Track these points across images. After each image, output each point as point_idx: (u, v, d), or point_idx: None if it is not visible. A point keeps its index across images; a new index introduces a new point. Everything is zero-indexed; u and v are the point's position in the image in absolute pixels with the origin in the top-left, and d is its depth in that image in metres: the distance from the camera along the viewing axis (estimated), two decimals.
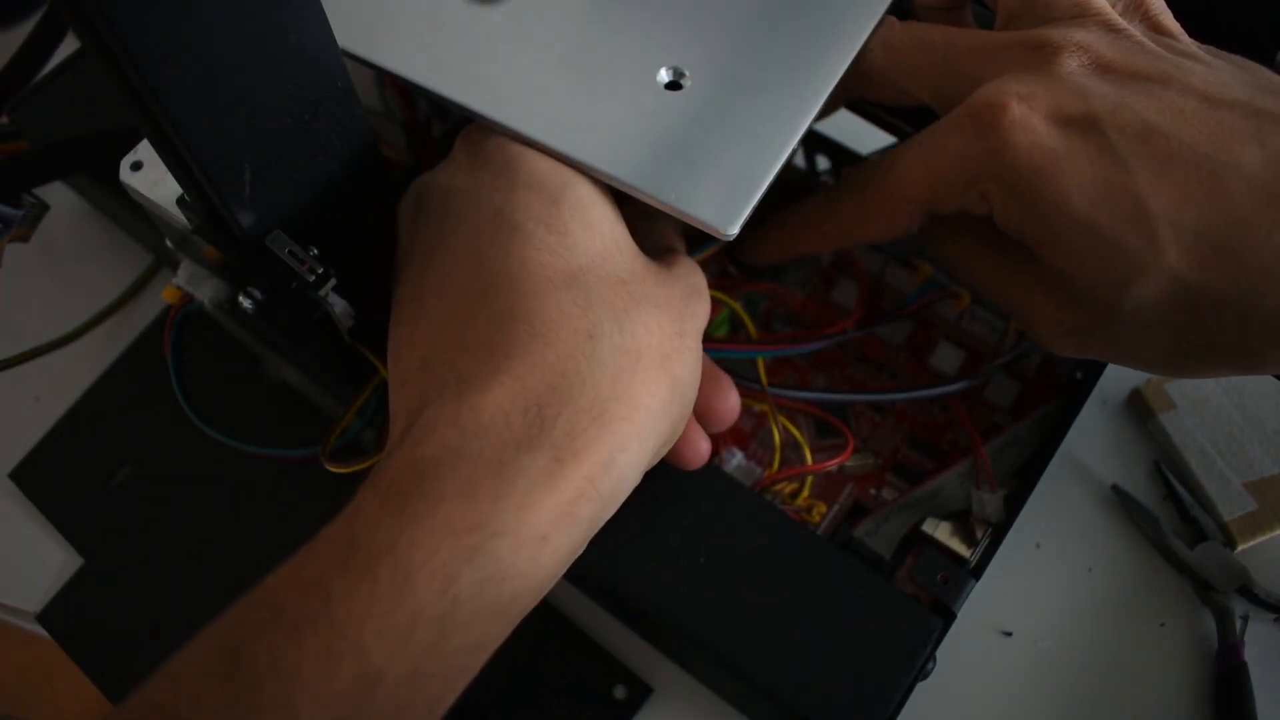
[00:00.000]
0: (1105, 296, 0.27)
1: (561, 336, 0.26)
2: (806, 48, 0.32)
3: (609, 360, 0.26)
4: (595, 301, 0.27)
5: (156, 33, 0.21)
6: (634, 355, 0.27)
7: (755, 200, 0.29)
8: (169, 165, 0.26)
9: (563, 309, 0.26)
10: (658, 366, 0.27)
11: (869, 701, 0.30)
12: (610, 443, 0.25)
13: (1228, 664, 0.36)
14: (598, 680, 0.39)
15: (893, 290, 0.42)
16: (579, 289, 0.27)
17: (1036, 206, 0.27)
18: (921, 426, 0.40)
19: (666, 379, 0.27)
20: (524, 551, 0.24)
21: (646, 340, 0.27)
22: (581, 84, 0.31)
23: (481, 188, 0.29)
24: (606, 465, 0.25)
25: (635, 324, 0.27)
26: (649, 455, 0.27)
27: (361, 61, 0.32)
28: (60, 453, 0.45)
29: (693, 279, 0.31)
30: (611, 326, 0.27)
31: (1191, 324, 0.27)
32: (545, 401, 0.25)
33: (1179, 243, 0.26)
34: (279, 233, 0.27)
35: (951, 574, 0.33)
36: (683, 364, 0.28)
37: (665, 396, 0.27)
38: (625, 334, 0.27)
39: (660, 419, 0.27)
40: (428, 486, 0.23)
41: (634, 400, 0.26)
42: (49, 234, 0.40)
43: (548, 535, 0.24)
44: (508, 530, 0.23)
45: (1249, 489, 0.39)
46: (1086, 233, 0.27)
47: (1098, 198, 0.26)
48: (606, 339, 0.26)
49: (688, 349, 0.29)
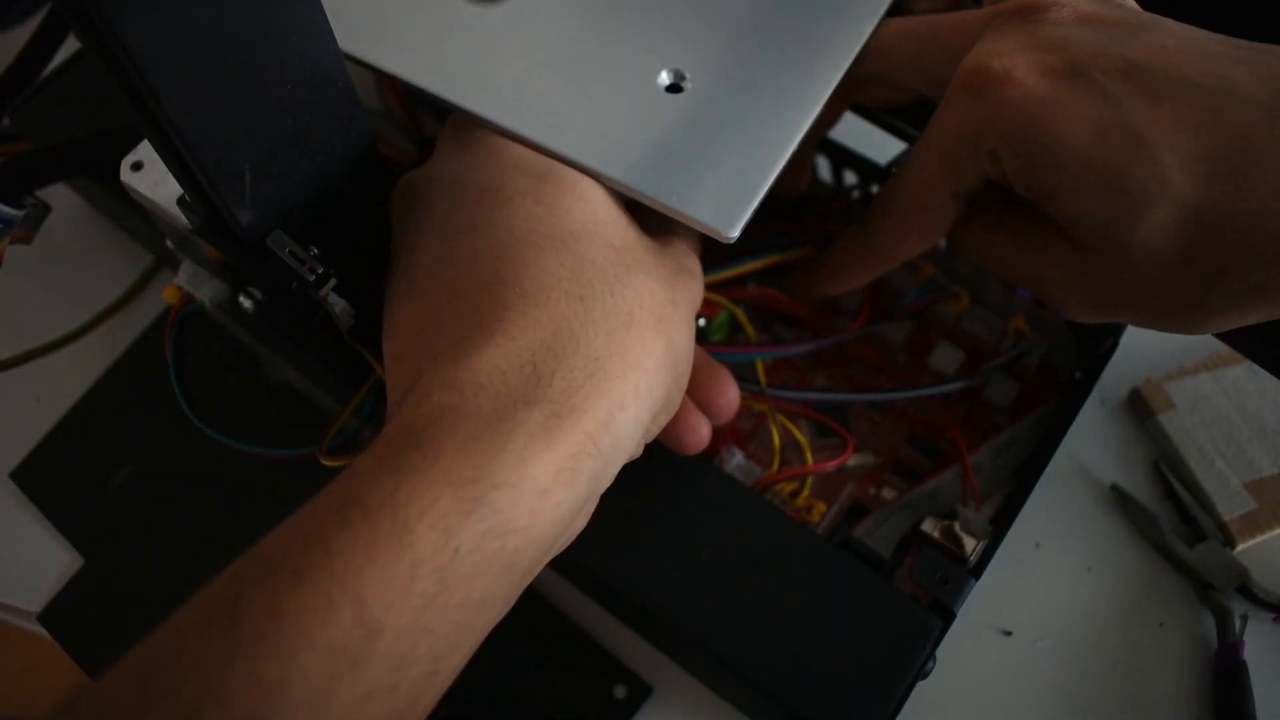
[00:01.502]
0: (1117, 236, 0.27)
1: (553, 298, 0.26)
2: (806, 50, 0.32)
3: (601, 320, 0.26)
4: (586, 265, 0.27)
5: (156, 34, 0.21)
6: (626, 316, 0.27)
7: (756, 202, 0.29)
8: (169, 165, 0.26)
9: (552, 272, 0.26)
10: (651, 328, 0.27)
11: (868, 701, 0.30)
12: (608, 400, 0.25)
13: (1227, 663, 0.37)
14: (598, 679, 0.39)
15: (893, 290, 0.42)
16: (569, 253, 0.27)
17: (1039, 155, 0.27)
18: (921, 426, 0.40)
19: (661, 340, 0.27)
20: (525, 504, 0.23)
21: (639, 303, 0.27)
22: (582, 87, 0.31)
23: (468, 170, 0.29)
24: (605, 422, 0.25)
25: (626, 287, 0.27)
26: (646, 416, 0.27)
27: (361, 64, 0.32)
28: (61, 453, 0.45)
29: (686, 260, 0.31)
30: (603, 289, 0.27)
31: (1203, 254, 0.26)
32: (540, 359, 0.25)
33: (1182, 168, 0.26)
34: (279, 232, 0.27)
35: (951, 574, 0.33)
36: (676, 330, 0.28)
37: (660, 358, 0.27)
38: (617, 296, 0.27)
39: (655, 381, 0.27)
40: (426, 441, 0.23)
41: (629, 359, 0.26)
42: (50, 235, 0.40)
43: (549, 489, 0.24)
44: (508, 482, 0.23)
45: (1248, 488, 0.39)
46: (1090, 171, 0.27)
47: (1095, 136, 0.27)
48: (598, 300, 0.26)
49: (680, 317, 0.29)
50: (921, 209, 0.31)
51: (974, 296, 0.42)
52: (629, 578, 0.33)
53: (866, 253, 0.34)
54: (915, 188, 0.31)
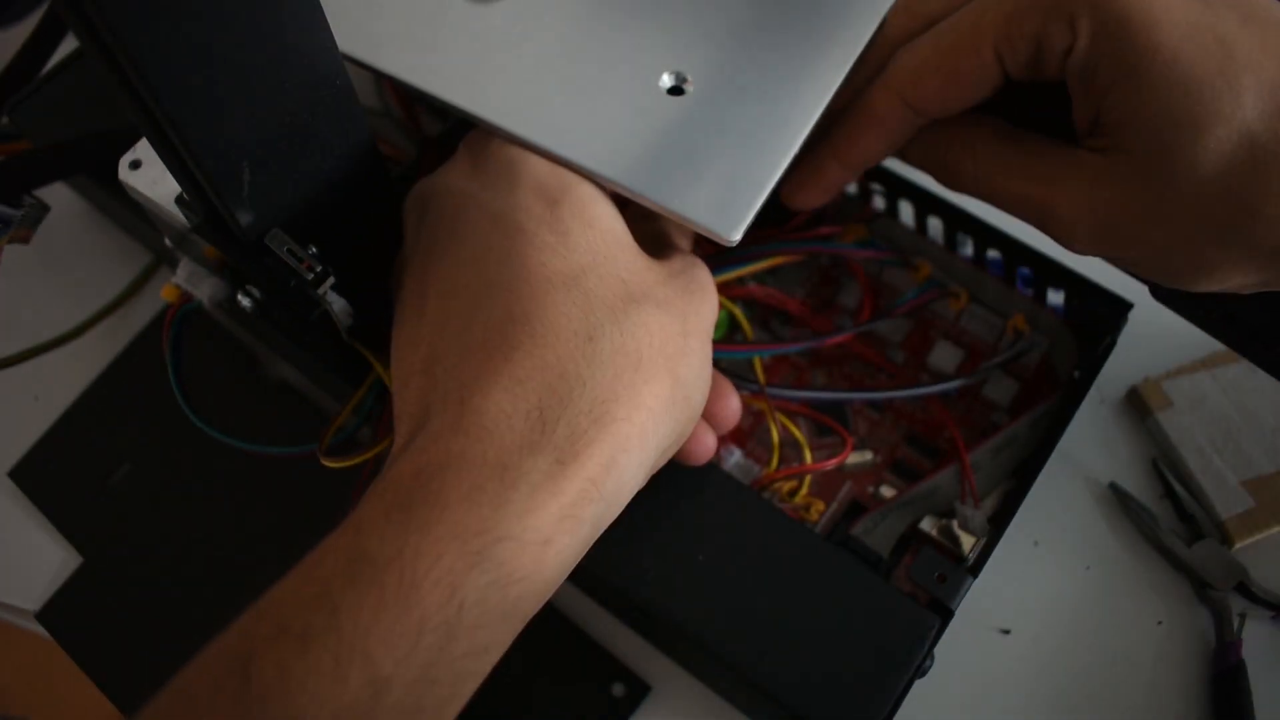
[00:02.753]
0: (1172, 145, 0.26)
1: (561, 339, 0.26)
2: (809, 51, 0.32)
3: (608, 361, 0.26)
4: (595, 303, 0.27)
5: (154, 32, 0.21)
6: (634, 356, 0.27)
7: (759, 205, 0.29)
8: (168, 164, 0.26)
9: (562, 311, 0.26)
10: (659, 366, 0.27)
11: (867, 699, 0.30)
12: (611, 443, 0.25)
13: (1225, 662, 0.37)
14: (596, 678, 0.39)
15: (891, 290, 0.42)
16: (578, 290, 0.27)
17: (1130, 41, 0.26)
18: (919, 425, 0.40)
19: (669, 378, 0.27)
20: (528, 555, 0.24)
21: (648, 340, 0.27)
22: (584, 89, 0.31)
23: (483, 190, 0.29)
24: (608, 466, 0.25)
25: (635, 324, 0.27)
26: (652, 456, 0.27)
27: (360, 64, 0.32)
28: (59, 452, 0.45)
29: (696, 274, 0.31)
30: (612, 328, 0.27)
31: (1243, 188, 0.26)
32: (546, 403, 0.25)
33: (1257, 92, 0.26)
34: (278, 231, 0.27)
35: (949, 572, 0.33)
36: (686, 364, 0.28)
37: (667, 396, 0.27)
38: (625, 334, 0.27)
39: (663, 419, 0.27)
40: (432, 493, 0.23)
41: (634, 400, 0.26)
42: (48, 233, 0.40)
43: (551, 538, 0.24)
44: (512, 535, 0.23)
45: (1246, 487, 0.39)
46: (1175, 68, 0.26)
47: (1188, 34, 0.26)
48: (606, 340, 0.26)
49: (692, 349, 0.28)
50: (962, 53, 0.29)
51: (973, 295, 0.42)
52: (627, 576, 0.33)
53: (883, 94, 0.31)
54: (968, 23, 0.29)
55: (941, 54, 0.30)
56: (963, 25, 0.30)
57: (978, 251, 0.40)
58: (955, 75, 0.30)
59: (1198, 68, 0.26)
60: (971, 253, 0.41)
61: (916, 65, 0.31)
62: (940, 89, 0.30)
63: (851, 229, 0.41)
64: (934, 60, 0.30)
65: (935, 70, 0.30)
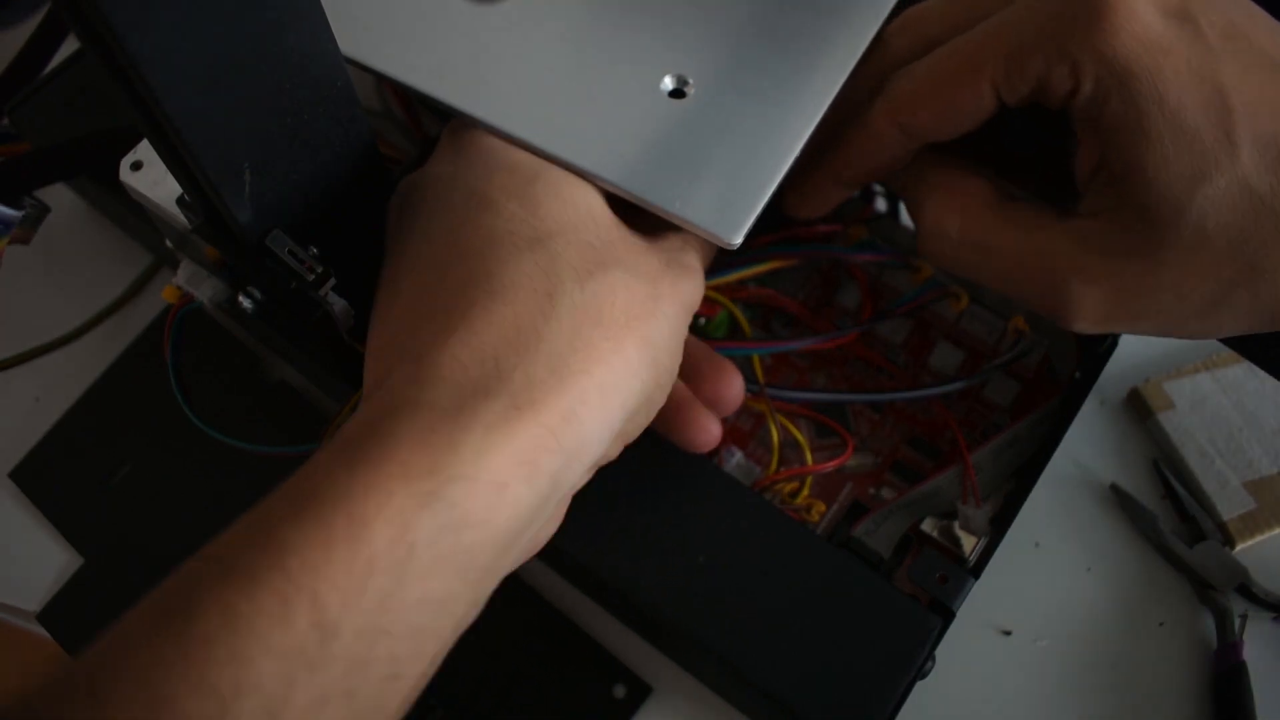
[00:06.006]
0: (1173, 197, 0.26)
1: (520, 296, 0.26)
2: (810, 54, 0.32)
3: (567, 316, 0.26)
4: (558, 263, 0.27)
5: (154, 32, 0.21)
6: (595, 313, 0.27)
7: (760, 208, 0.29)
8: (168, 165, 0.26)
9: (524, 270, 0.26)
10: (622, 325, 0.27)
11: (868, 701, 0.30)
12: (569, 395, 0.25)
13: (1226, 663, 0.37)
14: (597, 679, 0.39)
15: (892, 291, 0.42)
16: (543, 252, 0.27)
17: (1134, 90, 0.26)
18: (921, 426, 0.40)
19: (633, 337, 0.27)
20: (482, 499, 0.23)
21: (610, 300, 0.27)
22: (585, 91, 0.31)
23: (460, 172, 0.29)
24: (566, 417, 0.25)
25: (599, 284, 0.27)
26: (617, 416, 0.27)
27: (361, 67, 0.32)
28: (60, 452, 0.45)
29: (680, 255, 0.30)
30: (573, 286, 0.27)
31: (1247, 241, 0.26)
32: (501, 354, 0.25)
33: (1253, 143, 0.26)
34: (278, 232, 0.27)
35: (950, 573, 0.33)
36: (654, 326, 0.28)
37: (633, 356, 0.27)
38: (587, 293, 0.27)
39: (627, 377, 0.27)
40: (384, 434, 0.23)
41: (595, 355, 0.26)
42: (49, 234, 0.40)
43: (506, 483, 0.24)
44: (465, 475, 0.23)
45: (1248, 488, 0.39)
46: (1179, 117, 0.26)
47: (1189, 86, 0.26)
48: (566, 297, 0.26)
49: (663, 313, 0.28)
50: (960, 80, 0.29)
51: (973, 296, 0.42)
52: (628, 577, 0.33)
53: (879, 120, 0.31)
54: (964, 54, 0.29)
55: (937, 83, 0.30)
56: (959, 56, 0.29)
57: None
58: (950, 105, 0.30)
59: (1198, 117, 0.26)
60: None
61: (911, 91, 0.30)
62: (934, 118, 0.30)
63: (852, 230, 0.41)
64: (929, 88, 0.30)
65: (930, 97, 0.30)
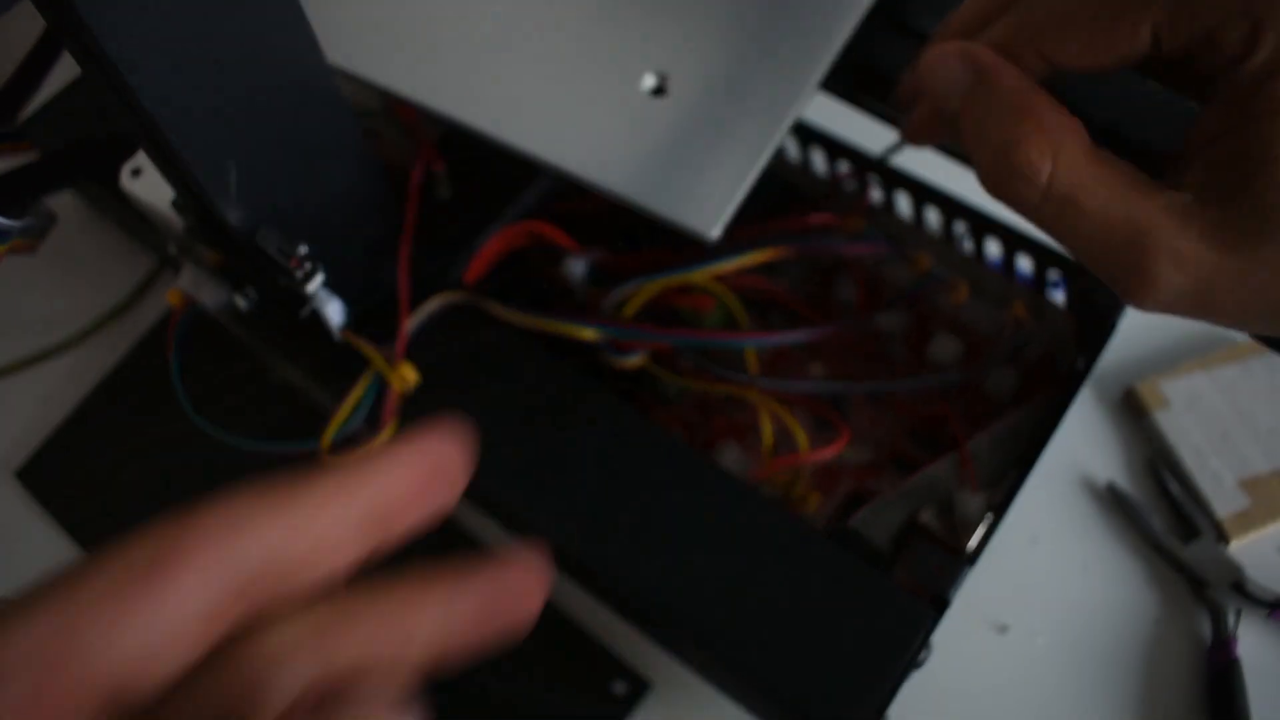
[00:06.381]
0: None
1: None
2: (788, 50, 0.32)
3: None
4: None
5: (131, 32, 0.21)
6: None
7: (737, 202, 0.30)
8: (158, 165, 0.26)
9: None
10: None
11: (862, 690, 0.30)
12: None
13: (1221, 660, 0.37)
14: (596, 675, 0.39)
15: (890, 283, 0.42)
16: None
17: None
18: (919, 418, 0.40)
19: None
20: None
21: None
22: (567, 92, 0.32)
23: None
24: None
25: None
26: None
27: (348, 74, 0.33)
28: (66, 452, 0.46)
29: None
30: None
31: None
32: None
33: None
34: (264, 228, 0.28)
35: (946, 563, 0.33)
36: None
37: None
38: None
39: None
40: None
41: None
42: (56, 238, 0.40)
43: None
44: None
45: (1242, 486, 0.39)
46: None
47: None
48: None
49: None
50: (1105, 34, 0.26)
51: (972, 287, 0.42)
52: (624, 571, 0.33)
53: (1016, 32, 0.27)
54: (1114, 8, 0.26)
55: (1096, 13, 0.27)
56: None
57: (976, 241, 0.40)
58: (1105, 40, 0.27)
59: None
60: (970, 243, 0.41)
61: (1065, 14, 0.27)
62: (1082, 50, 0.27)
63: (849, 220, 0.41)
64: (1085, 16, 0.27)
65: (1085, 27, 0.27)
